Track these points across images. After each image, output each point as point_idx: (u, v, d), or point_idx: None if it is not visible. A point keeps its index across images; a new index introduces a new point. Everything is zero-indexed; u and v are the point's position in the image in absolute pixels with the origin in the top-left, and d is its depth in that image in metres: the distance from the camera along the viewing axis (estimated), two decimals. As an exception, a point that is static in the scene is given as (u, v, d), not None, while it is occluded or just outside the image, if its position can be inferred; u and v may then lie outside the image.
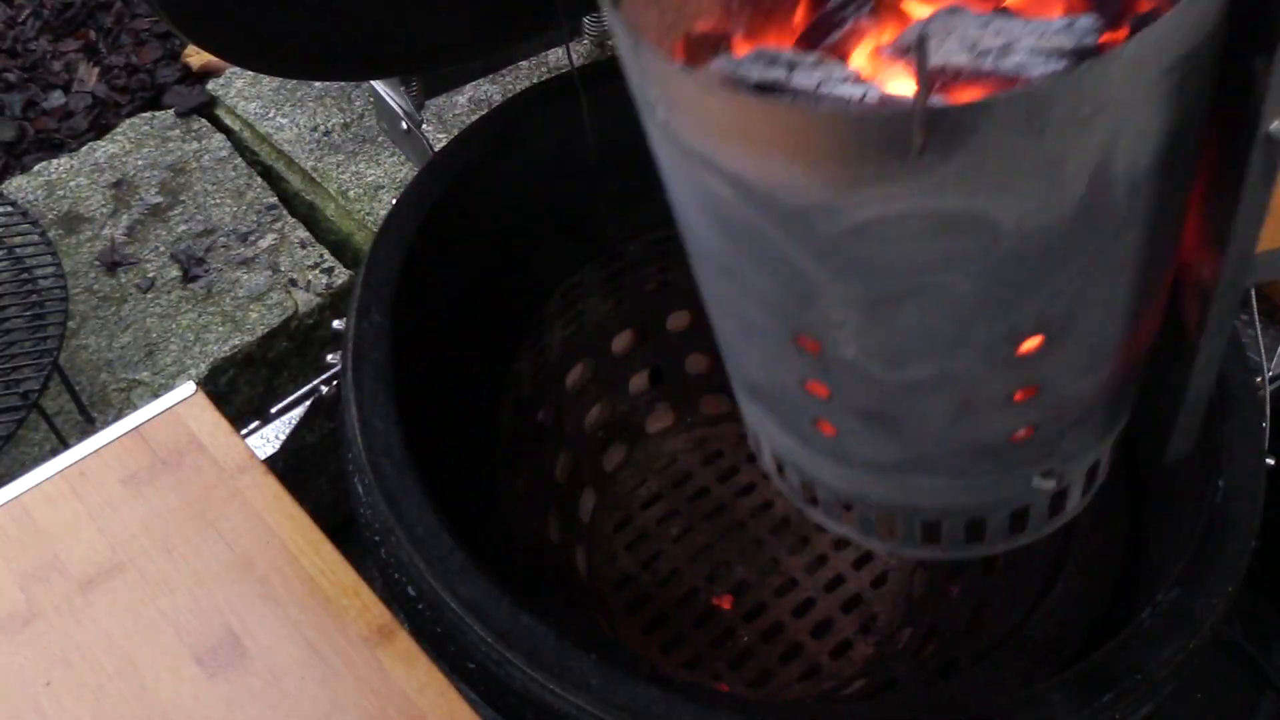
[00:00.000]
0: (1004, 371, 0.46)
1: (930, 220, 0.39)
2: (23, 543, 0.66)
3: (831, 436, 0.54)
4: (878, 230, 0.40)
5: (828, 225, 0.41)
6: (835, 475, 0.57)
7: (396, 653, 0.61)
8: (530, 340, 0.93)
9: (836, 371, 0.48)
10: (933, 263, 0.41)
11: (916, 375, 0.47)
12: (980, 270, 0.42)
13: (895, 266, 0.42)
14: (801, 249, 0.43)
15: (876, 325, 0.45)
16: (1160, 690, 0.62)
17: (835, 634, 0.98)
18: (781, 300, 0.47)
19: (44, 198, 1.23)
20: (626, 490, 1.08)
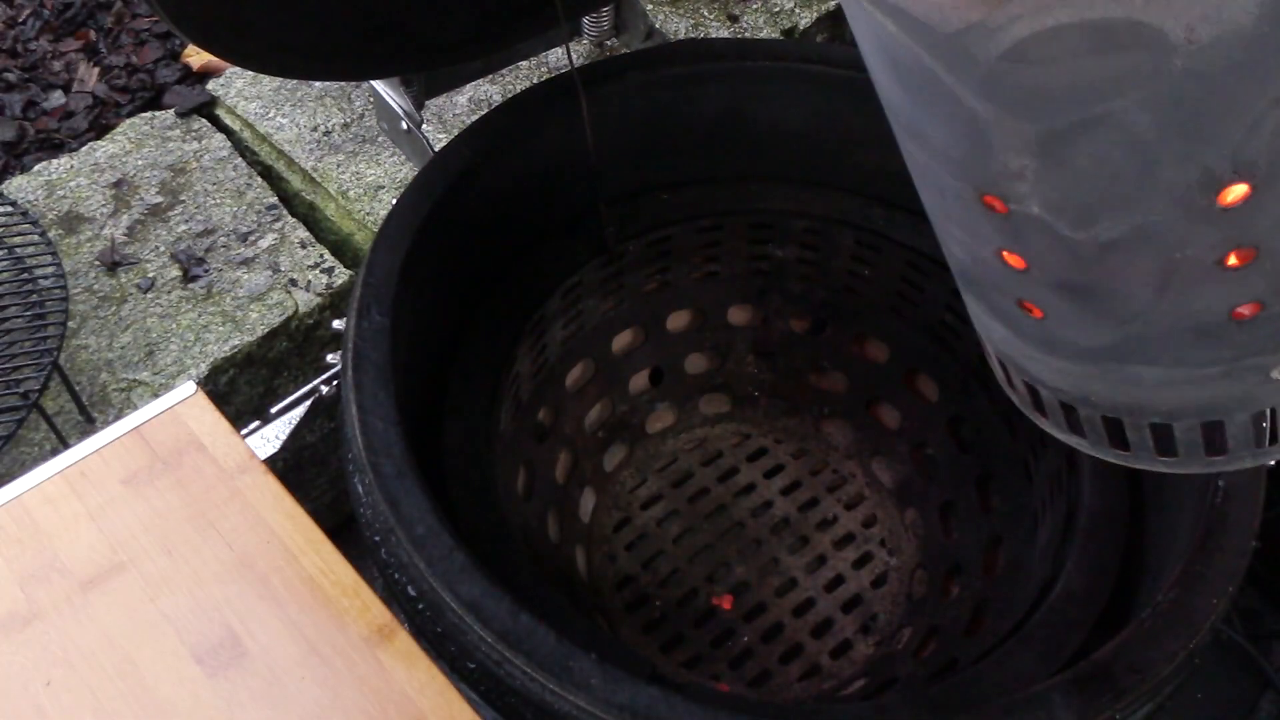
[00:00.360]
0: (1207, 228, 0.41)
1: (1088, 33, 0.36)
2: (23, 543, 0.66)
3: (1039, 319, 0.49)
4: (1035, 50, 0.37)
5: (984, 48, 0.38)
6: (1052, 370, 0.52)
7: (396, 653, 0.61)
8: (530, 340, 0.93)
9: (1027, 234, 0.45)
10: (1100, 87, 0.37)
11: (1109, 233, 0.42)
12: (1154, 95, 0.37)
13: (1060, 94, 0.38)
14: (965, 83, 0.40)
15: (1054, 169, 0.41)
16: (1160, 690, 0.62)
17: (835, 634, 0.98)
18: (961, 152, 0.44)
19: (44, 198, 1.23)
20: (626, 490, 1.08)
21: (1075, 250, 0.44)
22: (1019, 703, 0.61)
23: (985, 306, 0.53)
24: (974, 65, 0.39)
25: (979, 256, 0.50)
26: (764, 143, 0.98)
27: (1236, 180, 0.39)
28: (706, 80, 0.95)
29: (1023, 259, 0.47)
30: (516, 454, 0.93)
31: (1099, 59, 0.36)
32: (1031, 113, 0.40)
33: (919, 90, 0.43)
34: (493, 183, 0.88)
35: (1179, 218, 0.41)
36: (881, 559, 1.03)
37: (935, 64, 0.40)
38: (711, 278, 1.05)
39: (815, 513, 1.07)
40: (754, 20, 1.46)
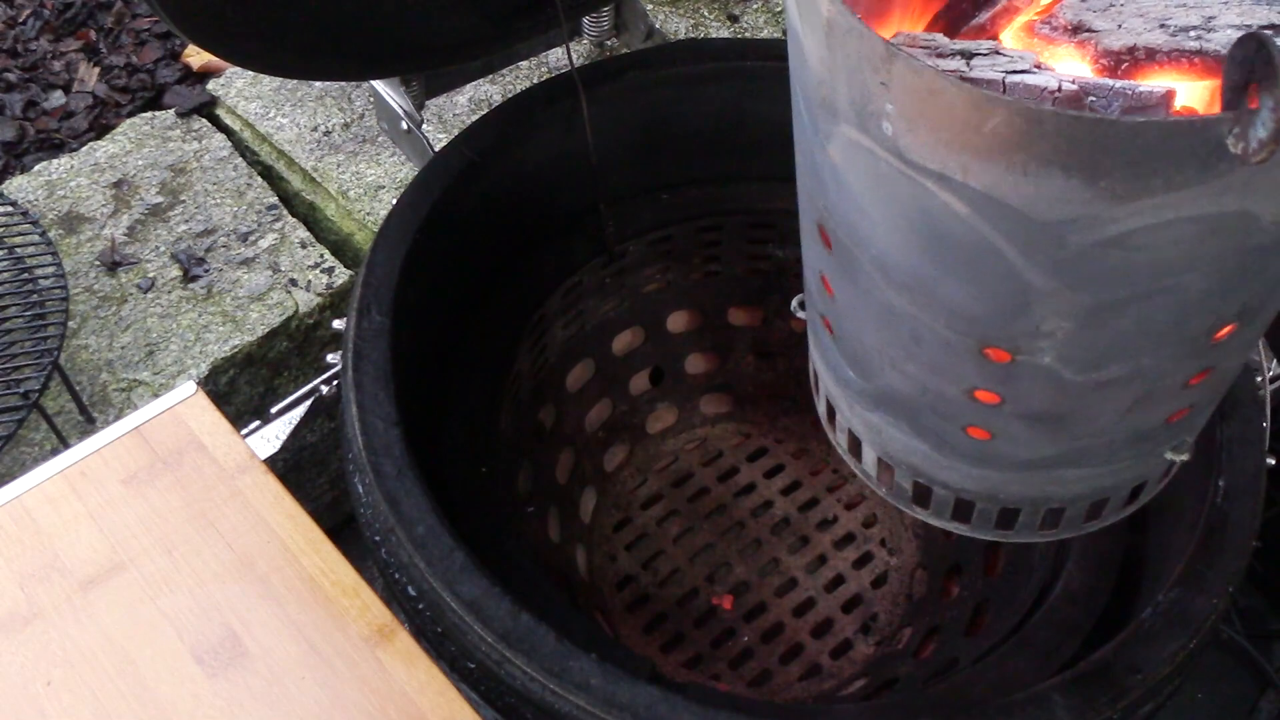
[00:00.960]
0: (1193, 360, 0.45)
1: (1202, 224, 0.37)
2: (23, 543, 0.66)
3: (984, 440, 0.52)
4: (1139, 238, 0.38)
5: (1082, 237, 0.39)
6: (970, 477, 0.55)
7: (396, 653, 0.61)
8: (530, 340, 0.93)
9: (1020, 379, 0.47)
10: (1182, 264, 0.39)
11: (1111, 374, 0.45)
12: (1222, 267, 0.39)
13: (1141, 272, 0.40)
14: (1039, 262, 0.40)
15: (1090, 331, 0.43)
16: (1160, 690, 0.62)
17: (835, 634, 0.98)
18: (984, 313, 0.45)
19: (44, 198, 1.23)
20: (626, 490, 1.08)
21: (1067, 389, 0.46)
22: (1019, 703, 0.61)
23: (904, 425, 0.54)
24: (1059, 249, 0.39)
25: (937, 392, 0.50)
26: (764, 143, 0.98)
27: (1233, 321, 0.43)
28: (706, 80, 0.95)
29: (1000, 397, 0.48)
30: (516, 454, 0.93)
31: (1202, 243, 0.38)
32: (1100, 287, 0.40)
33: (960, 258, 0.43)
34: (493, 183, 0.88)
35: (1181, 355, 0.44)
36: (881, 559, 1.03)
37: (1006, 244, 0.40)
38: (711, 278, 1.05)
39: (815, 513, 1.07)
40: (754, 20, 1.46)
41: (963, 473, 0.55)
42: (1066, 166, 0.37)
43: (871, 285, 0.49)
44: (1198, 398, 0.50)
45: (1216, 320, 0.43)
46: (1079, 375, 0.45)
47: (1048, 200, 0.38)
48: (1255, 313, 0.44)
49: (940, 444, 0.54)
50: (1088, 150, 0.36)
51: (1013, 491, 0.55)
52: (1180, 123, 0.35)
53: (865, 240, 0.47)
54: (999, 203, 0.39)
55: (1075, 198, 0.38)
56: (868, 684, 0.92)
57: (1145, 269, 0.40)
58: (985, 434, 0.51)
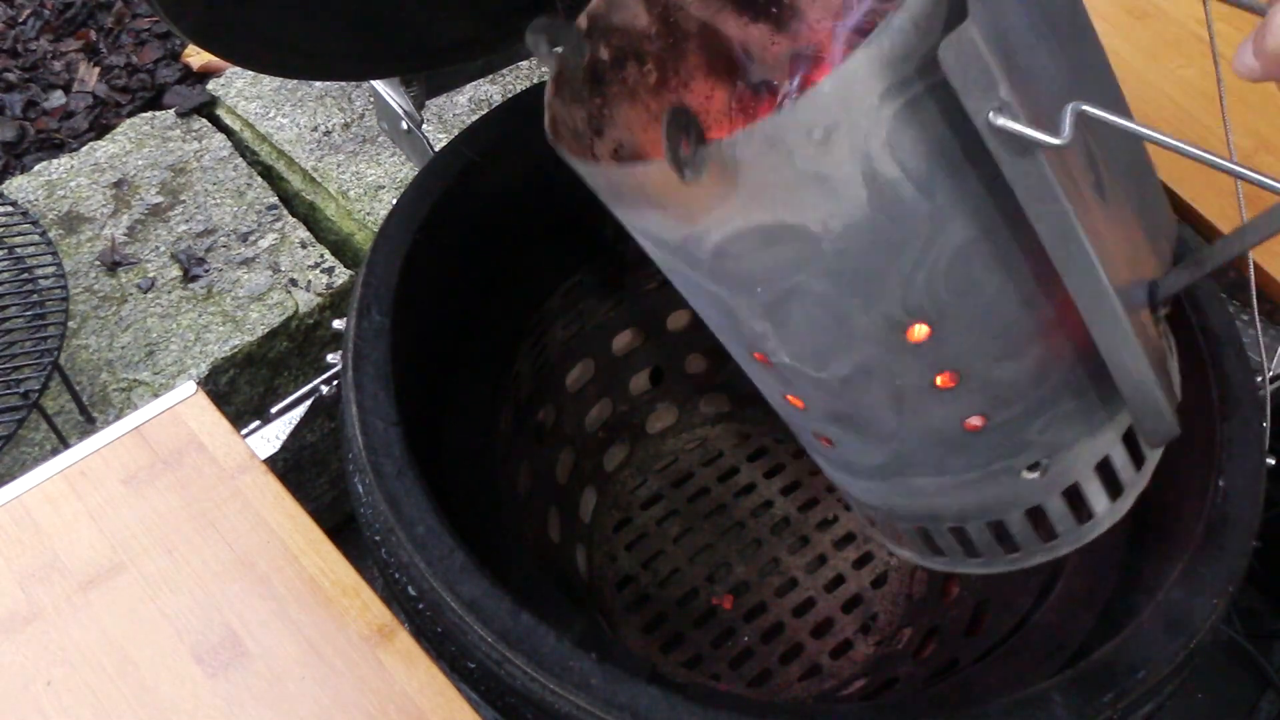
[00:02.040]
0: (911, 359, 0.50)
1: (758, 235, 0.46)
2: (23, 543, 0.66)
3: (831, 447, 0.57)
4: (731, 248, 0.47)
5: (701, 250, 0.48)
6: (861, 490, 0.60)
7: (397, 653, 0.61)
8: (530, 340, 0.93)
9: (790, 378, 0.53)
10: (783, 268, 0.47)
11: (840, 370, 0.51)
12: (822, 269, 0.47)
13: (759, 276, 0.48)
14: (702, 275, 0.50)
15: (781, 329, 0.50)
16: (1160, 690, 0.62)
17: (835, 634, 0.98)
18: (725, 323, 0.54)
19: (44, 198, 1.23)
20: (626, 490, 1.08)
21: (826, 387, 0.52)
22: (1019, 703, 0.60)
23: (804, 443, 0.62)
24: (699, 262, 0.50)
25: (776, 402, 0.58)
26: (764, 143, 0.98)
27: (914, 321, 0.48)
28: (706, 80, 0.95)
29: (799, 399, 0.55)
30: (516, 454, 0.93)
31: (773, 250, 0.47)
32: (746, 291, 0.50)
33: (683, 284, 0.55)
34: (493, 183, 0.88)
35: (884, 354, 0.49)
36: (881, 559, 1.03)
37: (680, 264, 0.52)
38: (711, 278, 1.05)
39: (815, 513, 1.07)
40: (754, 20, 1.46)
41: (854, 487, 0.60)
42: (636, 202, 0.50)
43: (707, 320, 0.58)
44: (978, 405, 0.51)
45: (888, 319, 0.48)
46: (820, 372, 0.52)
47: (658, 227, 0.50)
48: (941, 316, 0.47)
49: (821, 457, 0.61)
50: (625, 192, 0.50)
51: (899, 505, 0.59)
52: (638, 169, 0.47)
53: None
54: (650, 235, 0.52)
55: (662, 224, 0.49)
56: (867, 684, 0.92)
57: (761, 273, 0.48)
58: (827, 441, 0.57)
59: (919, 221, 0.45)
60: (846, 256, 0.46)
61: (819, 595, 1.01)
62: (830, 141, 0.43)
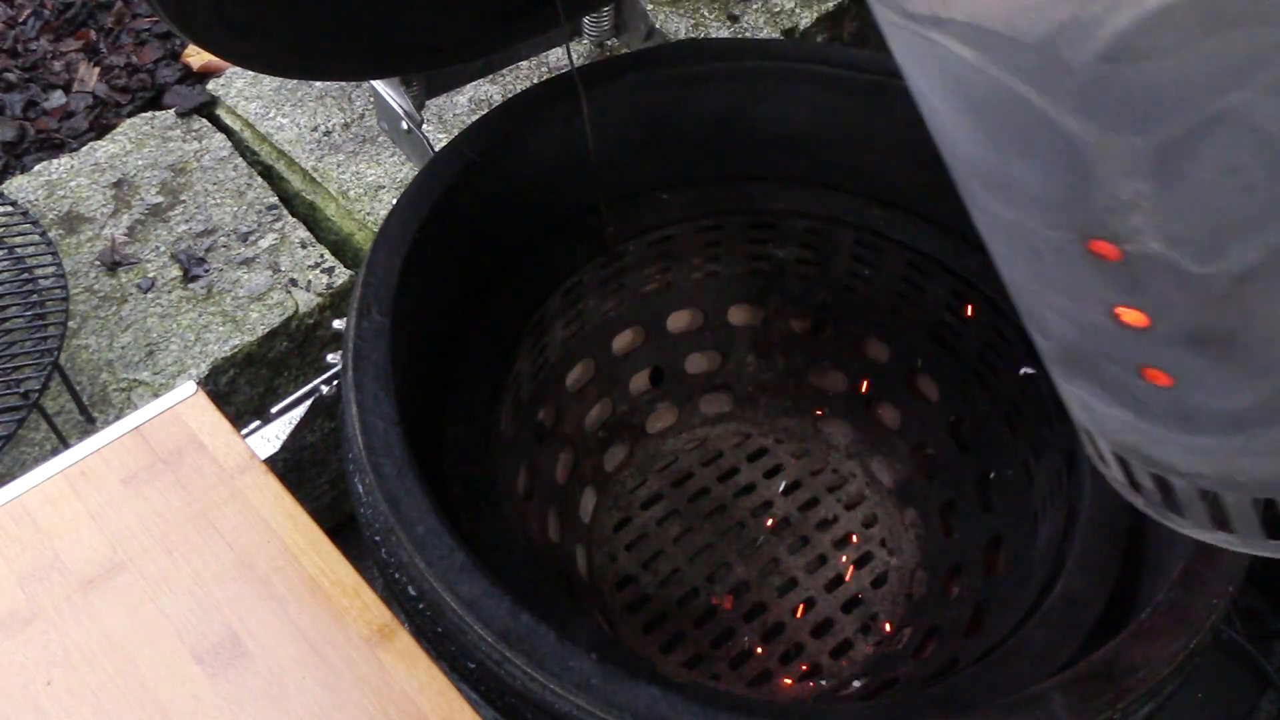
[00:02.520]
0: None
1: (1199, 10, 0.32)
2: (23, 542, 0.66)
3: (1168, 388, 0.43)
4: (1140, 42, 0.33)
5: (1080, 51, 0.34)
6: (1188, 450, 0.46)
7: (397, 653, 0.61)
8: (530, 340, 0.93)
9: (1147, 279, 0.39)
10: (1218, 77, 0.33)
11: (1242, 260, 0.36)
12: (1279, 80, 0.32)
13: (1173, 94, 0.34)
14: (1061, 100, 0.35)
15: (1173, 190, 0.36)
16: (1160, 690, 0.62)
17: (835, 634, 0.98)
18: (1060, 192, 0.39)
19: (44, 198, 1.23)
20: (626, 490, 1.08)
21: (1205, 289, 0.38)
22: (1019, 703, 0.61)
23: (1098, 389, 0.47)
24: (1069, 75, 0.34)
25: (1089, 323, 0.44)
26: (764, 143, 0.98)
27: None
28: (706, 80, 0.95)
29: (1143, 313, 0.41)
30: (516, 454, 0.93)
31: (1214, 42, 0.32)
32: (1141, 123, 0.35)
33: (1003, 127, 0.39)
34: (493, 183, 0.88)
35: None
36: (881, 559, 1.03)
37: (1023, 86, 0.36)
38: (711, 278, 1.06)
39: (815, 513, 1.07)
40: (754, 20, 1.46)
41: (1179, 445, 0.45)
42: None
43: (984, 204, 0.43)
44: None
45: None
46: (1204, 266, 0.37)
47: (1021, 10, 0.34)
48: None
49: (1136, 404, 0.45)
50: None
51: (1247, 469, 0.44)
52: None
53: (949, 146, 0.42)
54: (987, 31, 0.35)
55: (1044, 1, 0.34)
56: (867, 684, 0.92)
57: (1176, 88, 0.33)
58: (1165, 378, 0.42)
59: None
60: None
61: (819, 595, 1.01)
62: None
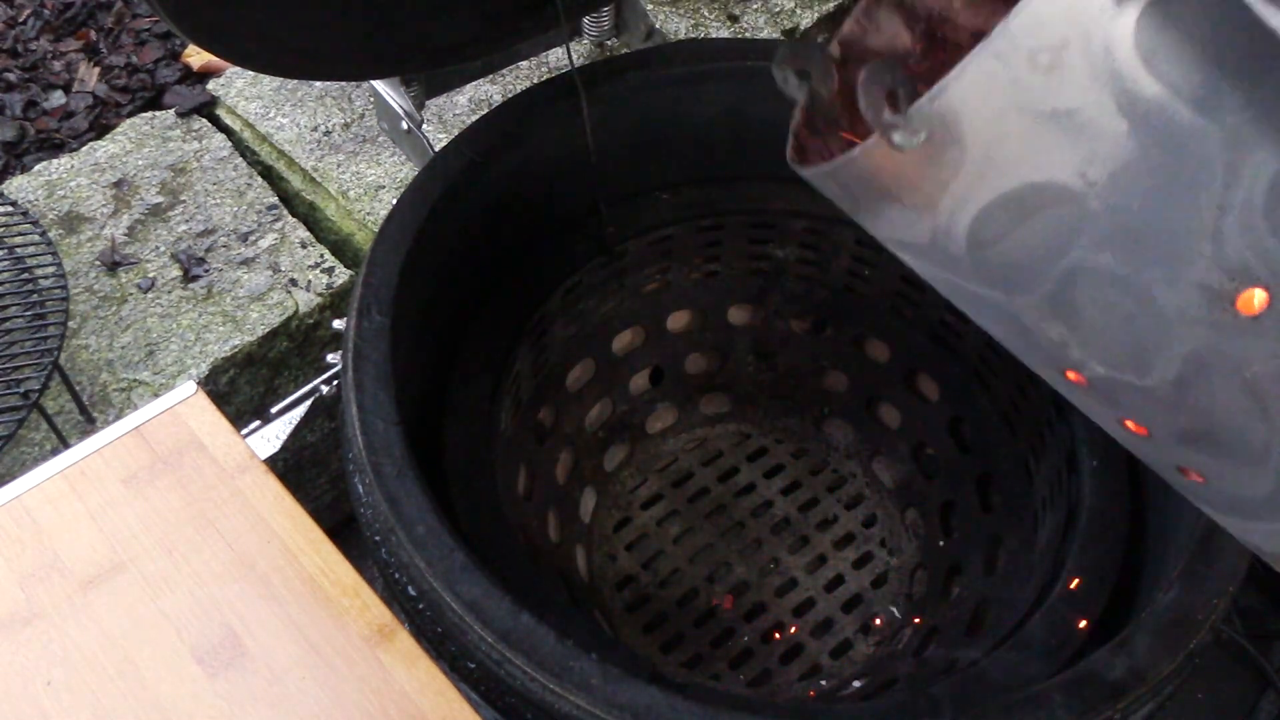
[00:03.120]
0: (1253, 338, 0.38)
1: (1008, 206, 0.38)
2: (23, 543, 0.66)
3: (1204, 483, 0.46)
4: (983, 232, 0.39)
5: (954, 247, 0.41)
6: (1261, 535, 0.47)
7: (397, 653, 0.61)
8: (530, 340, 0.93)
9: (1115, 396, 0.43)
10: (1051, 246, 0.39)
11: (1167, 372, 0.40)
12: (1098, 238, 0.38)
13: (1028, 262, 0.39)
14: (971, 278, 0.42)
15: (1076, 328, 0.41)
16: (1160, 690, 0.62)
17: (835, 634, 0.98)
18: (1019, 341, 0.44)
19: (44, 198, 1.23)
20: (626, 490, 1.08)
21: (1159, 398, 0.41)
22: (1019, 703, 0.61)
23: (1177, 487, 0.49)
24: (959, 261, 0.41)
25: (1119, 435, 0.47)
26: (764, 143, 0.98)
27: (1242, 286, 0.37)
28: (706, 80, 0.95)
29: (1137, 423, 0.44)
30: (516, 454, 0.93)
31: (1031, 223, 0.38)
32: (1022, 285, 0.40)
33: (959, 298, 0.44)
34: (493, 183, 0.88)
35: (1216, 338, 0.39)
36: (881, 559, 1.03)
37: (943, 271, 0.42)
38: (711, 278, 1.05)
39: (815, 513, 1.07)
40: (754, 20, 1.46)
41: (1256, 532, 0.47)
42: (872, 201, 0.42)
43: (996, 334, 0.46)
44: None
45: (1204, 291, 0.38)
46: (1146, 379, 0.41)
47: (903, 227, 0.42)
48: (1267, 269, 0.37)
49: (1200, 500, 0.48)
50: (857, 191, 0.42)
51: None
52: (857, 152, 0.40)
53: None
54: (904, 244, 0.43)
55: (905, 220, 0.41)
56: (867, 684, 0.92)
57: (1029, 258, 0.40)
58: (1197, 475, 0.45)
59: (1209, 151, 0.35)
60: (1124, 214, 0.37)
61: (819, 595, 1.01)
62: (1062, 65, 0.35)
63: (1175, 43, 0.34)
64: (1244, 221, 0.36)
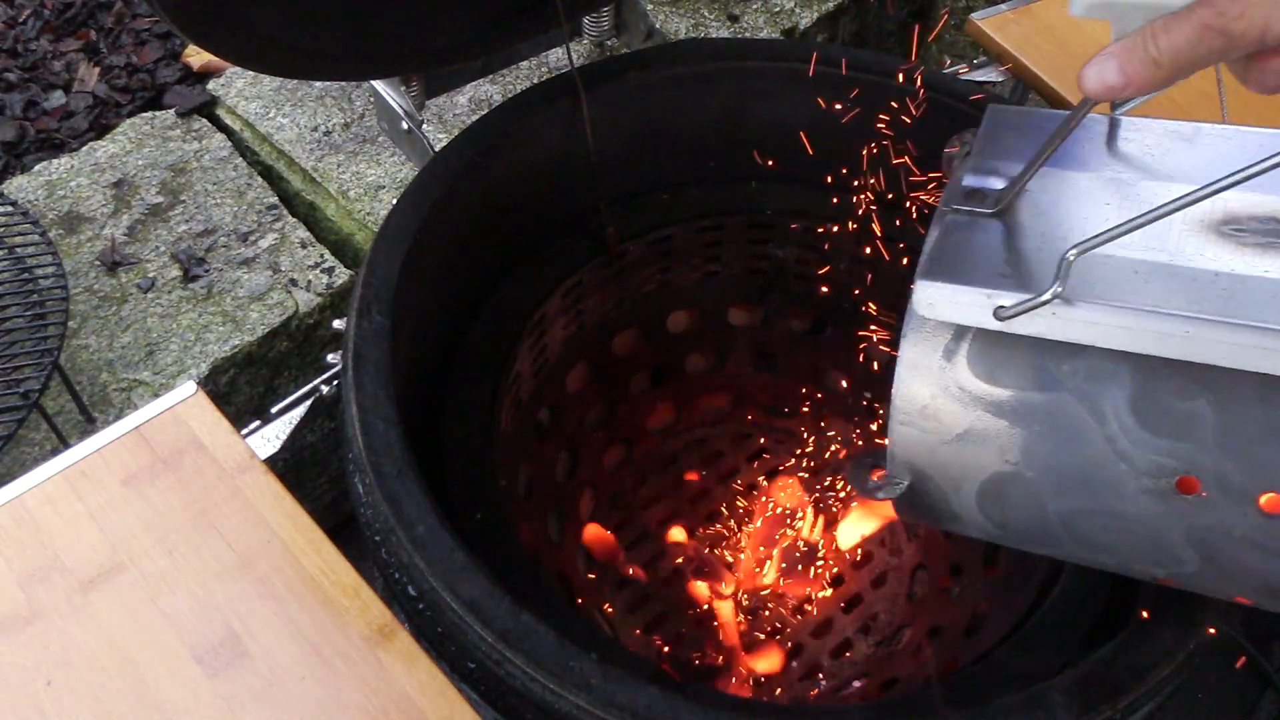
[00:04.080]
0: (1191, 509, 0.49)
1: (985, 494, 0.53)
2: (23, 543, 0.66)
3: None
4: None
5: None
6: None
7: (397, 653, 0.61)
8: (530, 340, 0.93)
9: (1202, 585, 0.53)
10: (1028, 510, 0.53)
11: (1191, 555, 0.50)
12: (1052, 492, 0.51)
13: (1032, 523, 0.54)
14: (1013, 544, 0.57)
15: (1107, 552, 0.53)
16: (1160, 690, 0.62)
17: (835, 634, 0.98)
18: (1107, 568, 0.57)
19: (44, 198, 1.23)
20: (626, 490, 1.08)
21: (1220, 574, 0.52)
22: (1019, 703, 0.60)
23: None
24: (1002, 538, 0.56)
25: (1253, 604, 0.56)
26: (764, 143, 0.98)
27: (1173, 478, 0.48)
28: (706, 80, 0.95)
29: (1243, 597, 0.54)
30: (516, 454, 0.93)
31: (1009, 499, 0.53)
32: (1046, 542, 0.55)
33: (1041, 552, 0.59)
34: (493, 183, 0.88)
35: (1190, 519, 0.49)
36: (881, 559, 1.03)
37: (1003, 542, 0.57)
38: (711, 278, 1.05)
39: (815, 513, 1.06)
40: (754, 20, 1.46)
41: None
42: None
43: None
44: None
45: (1147, 489, 0.50)
46: (1171, 567, 0.53)
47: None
48: (1179, 458, 0.48)
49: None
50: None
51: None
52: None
53: None
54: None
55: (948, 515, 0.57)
56: (867, 684, 0.92)
57: (1030, 522, 0.55)
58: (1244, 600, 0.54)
59: (1072, 410, 0.47)
60: (1055, 471, 0.49)
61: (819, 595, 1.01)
62: (927, 410, 0.50)
63: (1000, 362, 0.48)
64: (1130, 439, 0.47)
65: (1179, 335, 0.43)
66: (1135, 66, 0.42)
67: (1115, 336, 0.44)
